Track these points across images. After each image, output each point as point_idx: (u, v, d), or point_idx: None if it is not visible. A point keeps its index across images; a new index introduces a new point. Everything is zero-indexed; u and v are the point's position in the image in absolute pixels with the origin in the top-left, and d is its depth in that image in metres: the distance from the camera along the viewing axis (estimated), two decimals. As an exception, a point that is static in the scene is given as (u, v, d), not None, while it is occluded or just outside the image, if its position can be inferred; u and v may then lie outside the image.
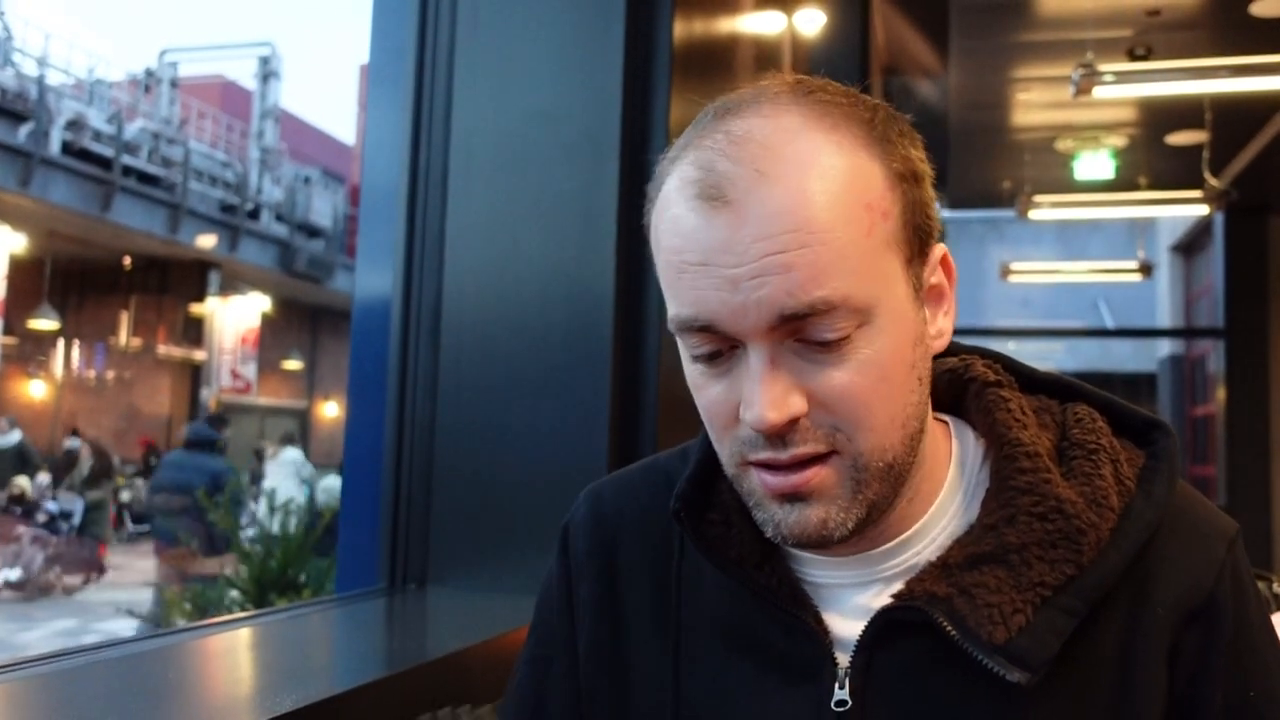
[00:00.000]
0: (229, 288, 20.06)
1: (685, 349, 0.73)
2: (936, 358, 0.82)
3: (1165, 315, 12.22)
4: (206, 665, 1.30)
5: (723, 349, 0.71)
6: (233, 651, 1.36)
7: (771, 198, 0.66)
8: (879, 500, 0.72)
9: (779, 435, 0.69)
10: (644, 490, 0.88)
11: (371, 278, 1.98)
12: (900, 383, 0.71)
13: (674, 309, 0.71)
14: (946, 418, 0.83)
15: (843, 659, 0.75)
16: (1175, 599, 0.73)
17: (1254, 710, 0.74)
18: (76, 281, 19.14)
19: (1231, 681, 0.73)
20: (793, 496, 0.71)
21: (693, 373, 0.74)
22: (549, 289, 1.75)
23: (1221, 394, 9.05)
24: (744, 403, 0.69)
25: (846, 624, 0.76)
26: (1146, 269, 9.14)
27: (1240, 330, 8.57)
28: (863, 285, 0.67)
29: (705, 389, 0.73)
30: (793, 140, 0.68)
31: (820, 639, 0.76)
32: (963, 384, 0.83)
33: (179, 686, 1.18)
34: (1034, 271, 11.13)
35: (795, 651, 0.77)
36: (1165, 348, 12.29)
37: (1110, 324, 14.23)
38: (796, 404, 0.68)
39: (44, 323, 17.06)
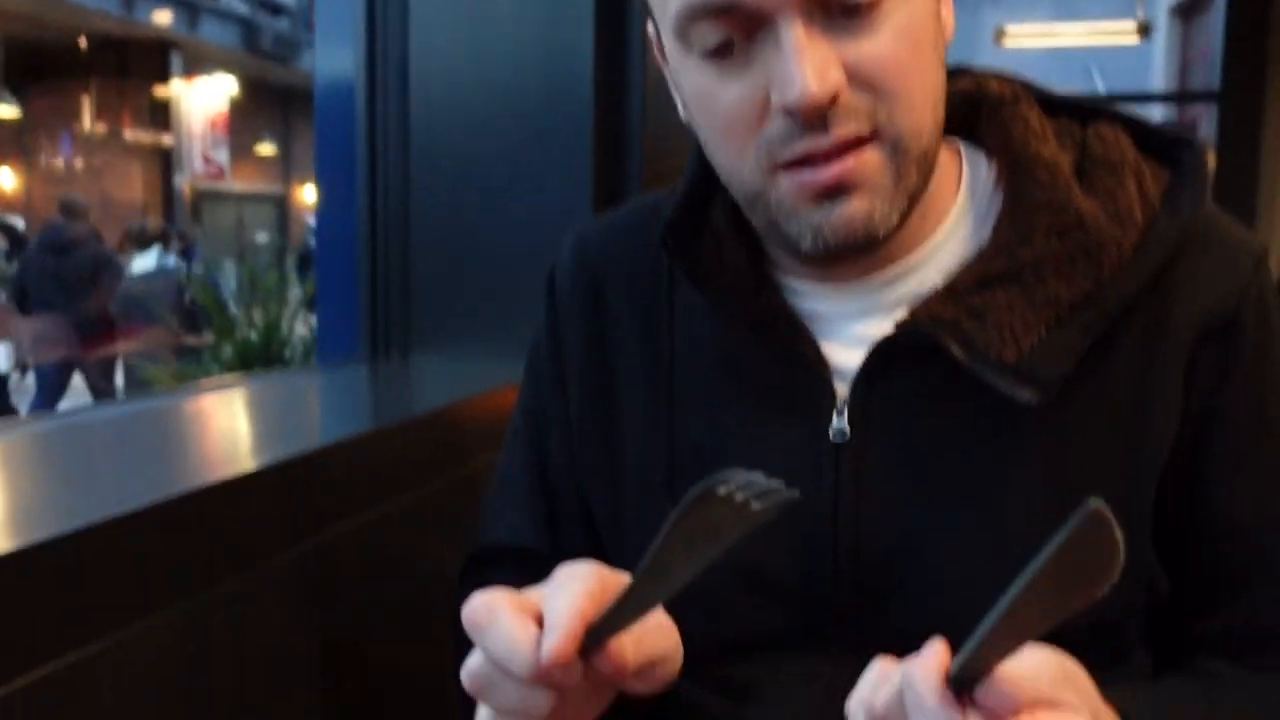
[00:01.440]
0: (193, 69, 19.27)
1: (693, 50, 0.68)
2: (948, 79, 0.77)
3: (1159, 81, 11.96)
4: (195, 423, 1.31)
5: (737, 37, 0.65)
6: (219, 411, 1.37)
7: None
8: (915, 193, 0.69)
9: (820, 116, 0.64)
10: (631, 226, 0.85)
11: (333, 52, 1.89)
12: (929, 57, 0.68)
13: None
14: (957, 141, 0.78)
15: (842, 389, 0.73)
16: (1197, 316, 0.71)
17: (1275, 425, 0.72)
18: (34, 65, 18.35)
19: (1251, 396, 0.72)
20: (835, 191, 0.66)
21: (702, 81, 0.68)
22: (524, 49, 1.66)
23: (1211, 159, 8.97)
24: (779, 85, 0.64)
25: (846, 353, 0.74)
26: (1144, 29, 8.83)
27: (1235, 94, 8.38)
28: None
29: (720, 94, 0.67)
30: None
31: (818, 369, 0.74)
32: (975, 104, 0.78)
33: (170, 442, 1.19)
34: (1030, 35, 10.77)
35: (792, 383, 0.75)
36: (1157, 114, 12.11)
37: (1102, 91, 13.93)
38: (837, 75, 0.64)
39: (2, 109, 16.47)
